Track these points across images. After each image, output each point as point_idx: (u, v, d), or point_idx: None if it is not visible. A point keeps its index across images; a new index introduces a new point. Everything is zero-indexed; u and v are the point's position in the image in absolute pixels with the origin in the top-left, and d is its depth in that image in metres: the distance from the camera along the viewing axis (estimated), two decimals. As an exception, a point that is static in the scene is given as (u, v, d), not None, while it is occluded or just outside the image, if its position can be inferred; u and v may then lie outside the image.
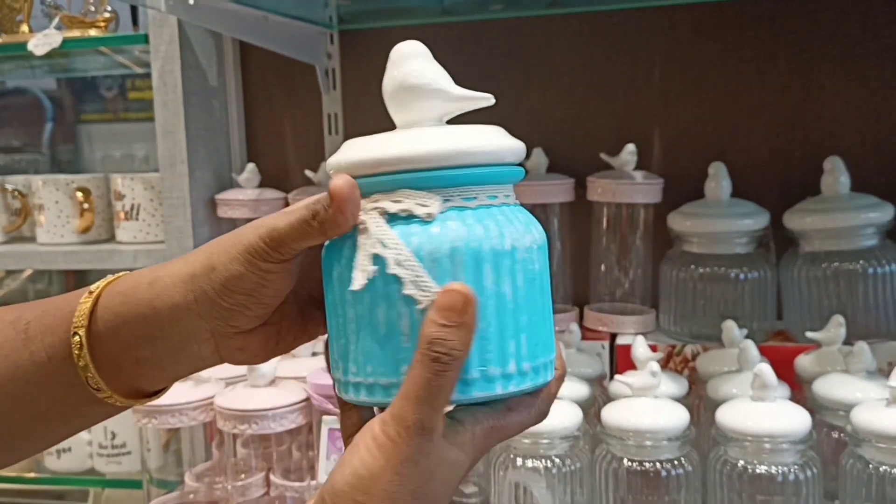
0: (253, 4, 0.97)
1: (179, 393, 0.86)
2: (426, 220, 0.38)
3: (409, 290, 0.37)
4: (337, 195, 0.38)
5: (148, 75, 1.11)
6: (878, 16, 1.02)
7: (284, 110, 1.22)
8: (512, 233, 0.39)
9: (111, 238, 1.24)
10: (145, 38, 1.09)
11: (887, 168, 1.03)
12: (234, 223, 1.17)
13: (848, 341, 0.87)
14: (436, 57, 0.42)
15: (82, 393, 0.43)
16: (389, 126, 0.43)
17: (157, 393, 0.47)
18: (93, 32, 1.15)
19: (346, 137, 1.19)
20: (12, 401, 0.43)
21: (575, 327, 0.97)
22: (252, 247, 0.41)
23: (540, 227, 0.41)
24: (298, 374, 0.89)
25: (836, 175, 0.95)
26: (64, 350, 0.43)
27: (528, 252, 0.39)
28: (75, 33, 1.14)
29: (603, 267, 1.08)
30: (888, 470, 0.72)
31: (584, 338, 1.00)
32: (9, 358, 0.43)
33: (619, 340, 1.01)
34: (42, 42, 1.11)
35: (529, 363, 0.39)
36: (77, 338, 0.42)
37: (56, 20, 1.16)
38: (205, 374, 0.90)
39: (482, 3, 1.07)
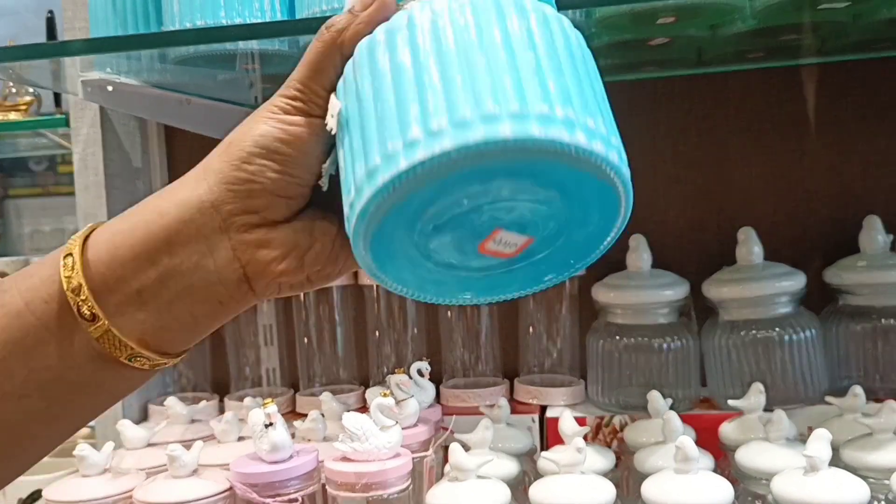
0: (174, 88, 0.97)
1: (97, 486, 0.83)
2: None
3: None
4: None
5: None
6: (779, 90, 1.08)
7: (211, 190, 1.22)
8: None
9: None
10: (66, 122, 1.08)
11: (798, 237, 1.07)
12: (158, 305, 1.15)
13: (769, 407, 0.89)
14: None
15: (81, 342, 0.36)
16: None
17: (175, 355, 0.39)
18: (13, 116, 1.14)
19: (274, 215, 1.19)
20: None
21: (504, 402, 0.97)
22: (277, 103, 0.39)
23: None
24: (223, 461, 0.87)
25: (749, 245, 0.99)
26: (53, 287, 0.36)
27: None
28: (-6, 117, 1.13)
29: (531, 339, 1.09)
30: (809, 537, 0.73)
31: (514, 411, 1.00)
32: None
33: (549, 413, 1.02)
34: (-41, 126, 1.09)
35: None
36: (69, 259, 0.36)
37: (-26, 104, 1.15)
38: (124, 464, 0.87)
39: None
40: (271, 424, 0.79)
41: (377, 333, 1.12)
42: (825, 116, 1.07)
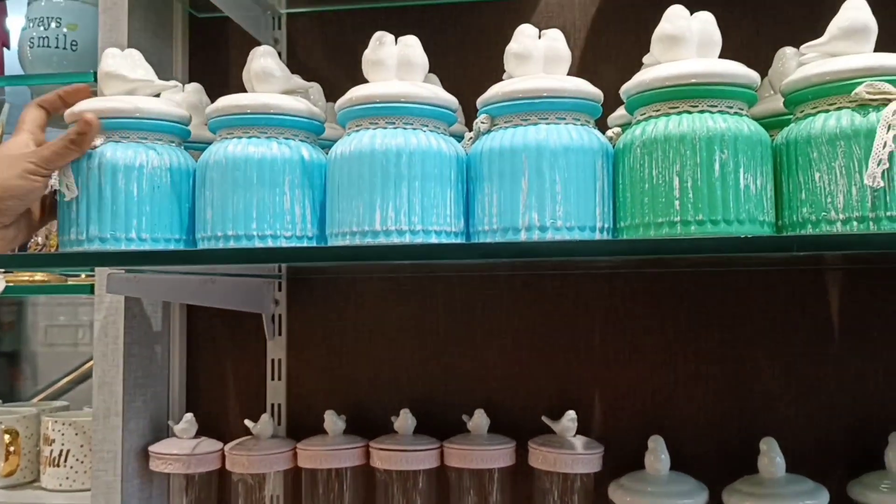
0: (200, 272, 0.98)
1: None
2: None
3: None
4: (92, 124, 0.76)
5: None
6: (803, 292, 1.07)
7: (227, 354, 1.21)
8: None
9: (35, 480, 1.19)
10: (91, 289, 1.09)
11: (821, 445, 1.05)
12: (166, 478, 1.13)
13: None
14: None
15: None
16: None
17: None
18: (39, 277, 1.15)
19: (290, 383, 1.18)
20: None
21: None
22: (29, 169, 0.74)
23: None
24: None
25: (771, 456, 0.96)
26: None
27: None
28: (22, 278, 1.14)
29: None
30: None
31: None
32: None
33: None
34: (-16, 287, 1.10)
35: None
36: None
37: (2, 263, 1.16)
38: None
39: (426, 267, 1.10)
40: None
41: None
42: (850, 321, 1.06)
